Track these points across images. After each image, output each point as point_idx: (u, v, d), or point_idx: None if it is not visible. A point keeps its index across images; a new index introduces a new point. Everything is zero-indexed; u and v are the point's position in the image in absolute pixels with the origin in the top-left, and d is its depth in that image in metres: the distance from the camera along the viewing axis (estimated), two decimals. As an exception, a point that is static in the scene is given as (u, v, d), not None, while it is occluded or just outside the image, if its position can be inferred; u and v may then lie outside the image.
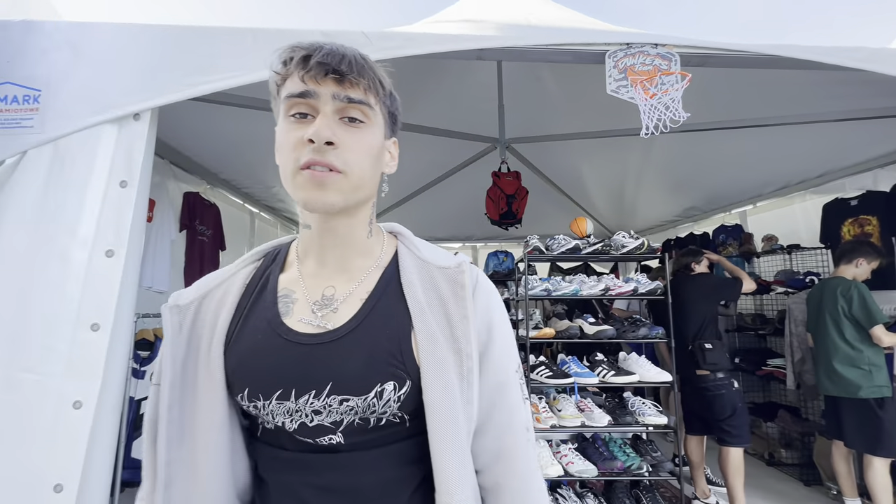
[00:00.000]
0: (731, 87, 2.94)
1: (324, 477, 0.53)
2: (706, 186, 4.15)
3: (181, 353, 0.56)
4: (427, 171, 4.65)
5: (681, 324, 2.61)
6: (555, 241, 2.17)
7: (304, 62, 0.52)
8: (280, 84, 0.55)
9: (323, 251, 0.59)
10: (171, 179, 2.96)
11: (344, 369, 0.53)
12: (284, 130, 0.54)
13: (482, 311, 0.59)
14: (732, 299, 2.68)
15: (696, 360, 2.47)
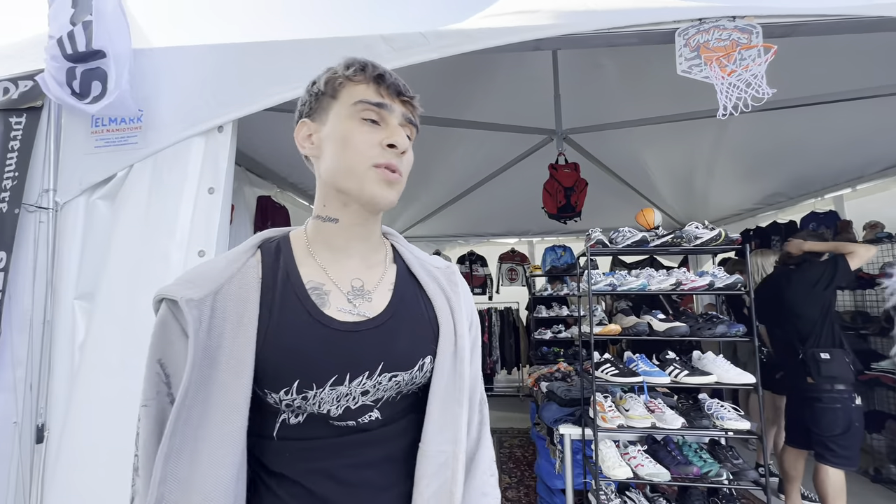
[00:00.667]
0: (821, 56, 2.62)
1: (363, 454, 0.58)
2: (792, 169, 3.74)
3: (199, 356, 0.53)
4: (482, 166, 4.63)
5: (787, 326, 2.36)
6: (619, 234, 2.07)
7: (381, 79, 0.60)
8: (342, 86, 0.61)
9: (349, 245, 0.63)
10: (247, 185, 3.21)
11: (394, 349, 0.60)
12: (355, 130, 0.60)
13: (467, 307, 0.69)
14: (847, 284, 2.30)
15: (807, 370, 2.21)
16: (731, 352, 3.79)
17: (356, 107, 0.60)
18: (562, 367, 3.26)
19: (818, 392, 2.22)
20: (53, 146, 1.72)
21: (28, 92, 1.75)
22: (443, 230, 5.93)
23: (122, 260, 1.60)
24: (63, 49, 1.56)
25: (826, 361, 2.24)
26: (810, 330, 2.28)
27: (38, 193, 1.69)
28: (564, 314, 3.81)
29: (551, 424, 2.29)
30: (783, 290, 2.39)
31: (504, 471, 3.38)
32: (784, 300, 2.37)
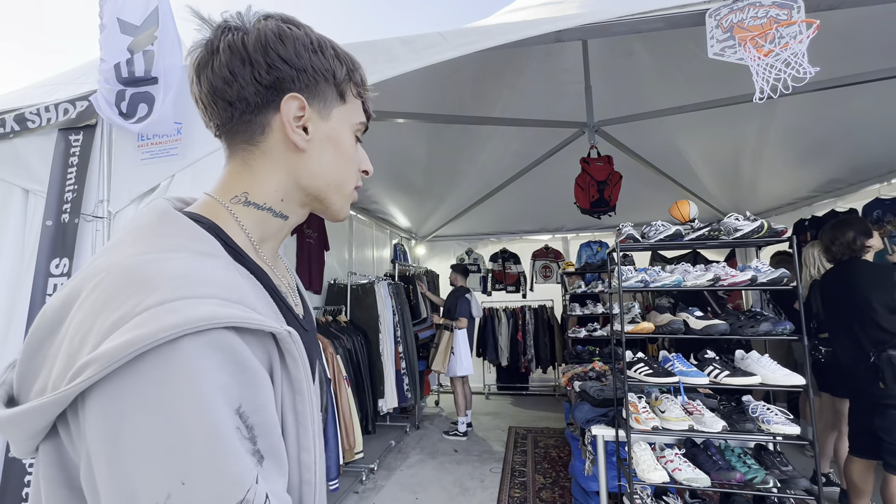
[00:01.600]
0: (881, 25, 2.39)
1: None
2: (851, 153, 3.44)
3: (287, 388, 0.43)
4: (512, 163, 4.59)
5: (855, 325, 2.17)
6: (651, 228, 1.98)
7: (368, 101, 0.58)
8: (346, 91, 0.53)
9: (277, 243, 0.57)
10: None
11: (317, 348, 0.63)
12: (351, 146, 0.55)
13: None
14: None
15: (881, 375, 2.02)
16: (784, 351, 3.55)
17: (358, 124, 0.55)
18: (596, 366, 3.17)
19: (892, 398, 2.02)
20: (107, 160, 1.87)
21: (84, 112, 1.91)
22: (474, 228, 5.92)
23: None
24: (119, 74, 1.70)
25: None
26: (883, 329, 2.07)
27: (94, 204, 1.85)
28: (599, 311, 3.69)
29: (583, 425, 2.23)
30: (852, 281, 2.18)
31: (539, 471, 3.34)
32: (855, 294, 2.15)
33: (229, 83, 0.48)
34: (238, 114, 0.49)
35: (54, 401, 0.33)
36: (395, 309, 3.98)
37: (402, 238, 5.70)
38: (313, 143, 0.51)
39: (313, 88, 0.50)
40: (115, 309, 0.35)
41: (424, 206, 5.32)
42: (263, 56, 0.47)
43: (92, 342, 0.34)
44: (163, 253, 0.39)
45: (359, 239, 4.60)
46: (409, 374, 4.03)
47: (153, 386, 0.33)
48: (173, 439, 0.32)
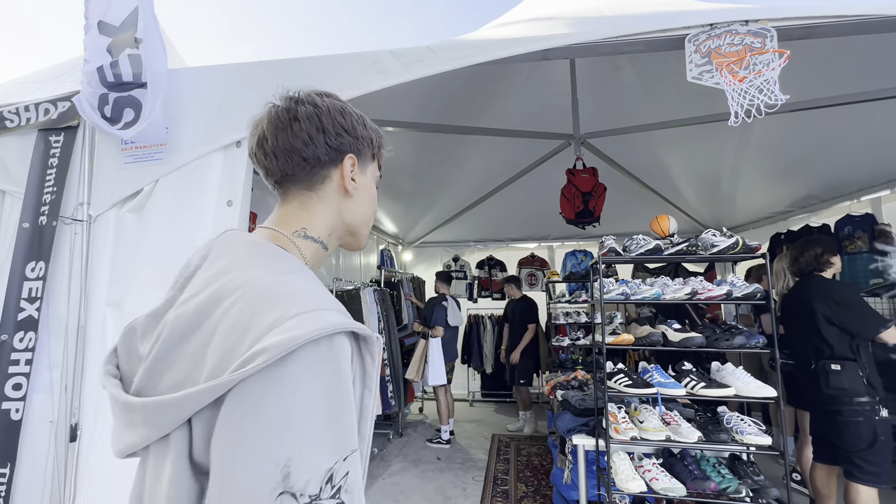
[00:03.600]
0: (852, 53, 2.51)
1: None
2: (825, 171, 3.58)
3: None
4: (500, 171, 4.65)
5: (800, 336, 2.29)
6: (633, 242, 2.04)
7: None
8: (376, 154, 0.72)
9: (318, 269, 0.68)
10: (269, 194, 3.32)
11: None
12: (375, 193, 0.73)
13: None
14: (862, 336, 2.15)
15: (818, 382, 2.15)
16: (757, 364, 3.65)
17: (376, 176, 0.73)
18: (579, 374, 3.22)
19: (838, 404, 2.13)
20: (88, 162, 1.84)
21: (66, 112, 1.88)
22: (461, 235, 5.96)
23: (147, 269, 1.70)
24: (103, 77, 1.67)
25: (836, 373, 2.15)
26: (823, 340, 2.20)
27: (74, 207, 1.82)
28: (584, 320, 3.76)
29: (564, 434, 2.27)
30: (805, 297, 2.30)
31: (521, 479, 3.36)
32: (806, 309, 2.28)
33: (307, 144, 0.62)
34: (309, 168, 0.63)
35: (227, 382, 0.42)
36: (381, 315, 3.98)
37: (389, 244, 5.70)
38: (357, 190, 0.67)
39: (360, 150, 0.67)
40: (266, 315, 0.45)
41: (412, 212, 5.34)
42: (333, 126, 0.63)
43: (250, 339, 0.44)
44: (282, 276, 0.52)
45: (345, 244, 4.60)
46: (394, 381, 4.02)
47: (309, 367, 0.43)
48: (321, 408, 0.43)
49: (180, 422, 0.46)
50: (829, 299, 2.23)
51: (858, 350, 2.20)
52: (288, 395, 0.42)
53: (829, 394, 2.18)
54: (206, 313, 0.49)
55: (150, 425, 0.48)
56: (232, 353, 0.45)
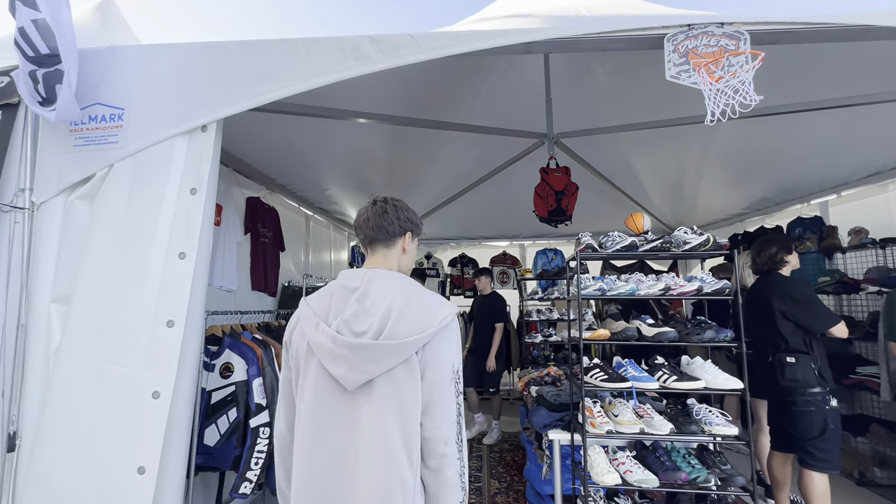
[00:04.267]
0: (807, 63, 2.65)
1: None
2: (779, 175, 3.78)
3: None
4: (473, 169, 4.63)
5: (761, 330, 2.39)
6: (609, 239, 2.06)
7: None
8: (417, 232, 1.24)
9: None
10: (235, 186, 3.15)
11: None
12: (415, 251, 1.26)
13: None
14: (814, 331, 2.26)
15: (774, 374, 2.27)
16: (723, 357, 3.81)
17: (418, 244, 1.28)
18: (552, 370, 3.25)
19: (792, 395, 2.25)
20: (30, 144, 1.66)
21: (4, 88, 1.69)
22: (434, 233, 5.91)
23: (99, 262, 1.55)
24: (24, 50, 1.49)
25: (791, 365, 2.28)
26: (780, 335, 2.32)
27: (14, 193, 1.64)
28: (556, 317, 3.80)
29: (540, 430, 2.27)
30: (765, 293, 2.41)
31: (494, 475, 3.35)
32: (764, 304, 2.39)
33: (392, 223, 1.17)
34: (390, 236, 1.17)
35: (437, 329, 1.02)
36: (353, 313, 3.87)
37: (360, 240, 5.57)
38: (408, 251, 1.21)
39: (412, 230, 1.21)
40: (439, 308, 1.06)
41: (384, 208, 5.23)
42: (406, 216, 1.19)
43: (439, 316, 1.04)
44: (429, 292, 1.14)
45: (316, 240, 4.44)
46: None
47: (456, 327, 1.08)
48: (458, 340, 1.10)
49: (419, 348, 1.01)
50: (786, 296, 2.34)
51: (811, 344, 2.32)
52: (453, 335, 1.07)
53: (784, 385, 2.29)
54: (408, 305, 1.05)
55: (400, 355, 0.99)
56: (432, 321, 1.03)
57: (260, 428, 2.27)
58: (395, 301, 1.03)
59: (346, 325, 1.02)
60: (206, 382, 2.32)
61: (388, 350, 0.98)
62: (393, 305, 1.02)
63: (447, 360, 1.03)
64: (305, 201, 4.13)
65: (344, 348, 0.99)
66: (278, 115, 2.69)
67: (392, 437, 0.96)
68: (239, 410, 2.28)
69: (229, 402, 2.30)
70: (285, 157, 3.37)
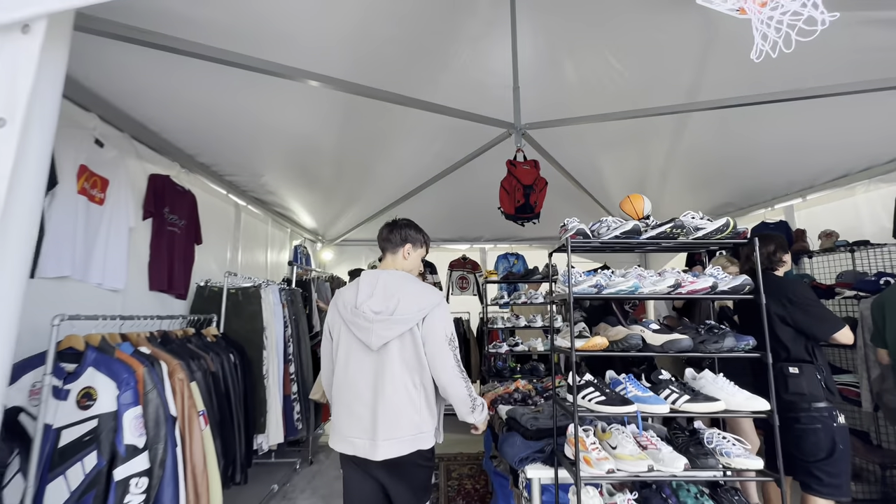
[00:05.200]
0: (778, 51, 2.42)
1: None
2: (744, 179, 3.61)
3: None
4: (433, 164, 4.13)
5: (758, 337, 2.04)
6: (602, 224, 1.62)
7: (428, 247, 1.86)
8: (423, 245, 1.76)
9: None
10: (133, 157, 2.41)
11: None
12: (418, 261, 1.76)
13: None
14: (817, 337, 1.96)
15: (777, 386, 1.90)
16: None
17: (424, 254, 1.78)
18: (520, 385, 2.75)
19: (795, 411, 1.91)
20: None
21: None
22: (388, 234, 5.32)
23: None
24: None
25: (794, 377, 1.95)
26: (780, 342, 1.99)
27: None
28: (522, 325, 3.33)
29: (516, 465, 1.75)
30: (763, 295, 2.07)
31: (451, 509, 2.79)
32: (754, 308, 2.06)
33: (395, 237, 1.69)
34: (394, 245, 1.69)
35: (432, 306, 1.55)
36: (289, 320, 3.18)
37: (305, 240, 4.86)
38: (407, 258, 1.70)
39: (413, 242, 1.71)
40: (430, 295, 1.59)
41: (332, 205, 4.59)
42: (407, 232, 1.71)
43: (431, 300, 1.56)
44: (422, 283, 1.65)
45: (248, 235, 3.70)
46: (302, 400, 3.23)
47: (445, 307, 1.59)
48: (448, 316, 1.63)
49: (418, 321, 1.50)
50: (784, 298, 2.01)
51: (814, 352, 2.00)
52: (442, 312, 1.56)
53: (787, 399, 1.94)
54: (409, 292, 1.55)
55: (406, 324, 1.49)
56: (426, 303, 1.53)
57: (131, 480, 1.56)
58: (399, 290, 1.53)
59: (369, 307, 1.50)
60: (52, 416, 1.58)
61: (397, 322, 1.48)
62: (398, 293, 1.51)
63: (440, 329, 1.51)
64: (236, 188, 3.40)
65: (368, 322, 1.49)
66: (199, 71, 2.04)
67: (402, 375, 1.48)
68: (101, 455, 1.56)
69: (87, 443, 1.57)
70: (209, 129, 2.67)
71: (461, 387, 1.48)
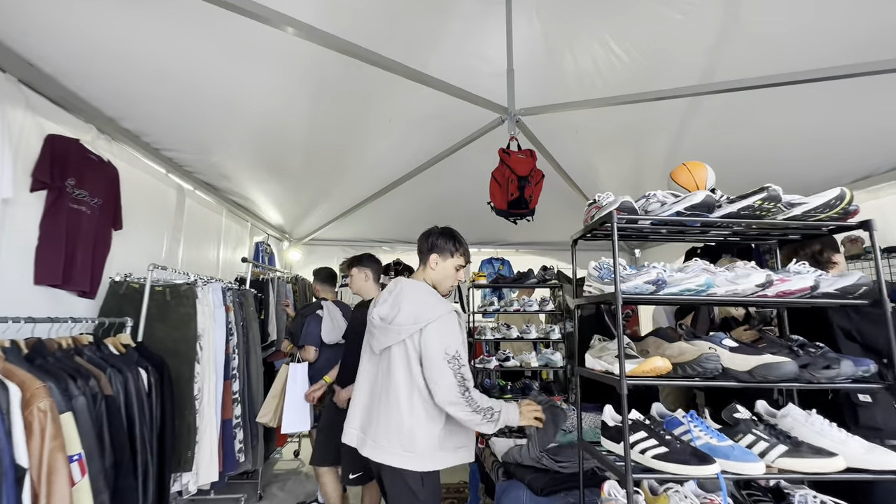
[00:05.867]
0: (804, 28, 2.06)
1: None
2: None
3: None
4: (413, 158, 3.60)
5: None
6: (653, 199, 1.13)
7: (467, 256, 1.69)
8: (453, 254, 1.63)
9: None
10: (19, 107, 1.77)
11: None
12: (451, 271, 1.63)
13: None
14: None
15: (842, 419, 1.43)
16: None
17: (456, 265, 1.64)
18: (513, 409, 2.19)
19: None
20: None
21: None
22: (363, 233, 4.72)
23: None
24: None
25: (866, 407, 1.49)
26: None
27: None
28: (514, 336, 2.80)
29: (526, 538, 1.19)
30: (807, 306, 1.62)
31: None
32: (814, 320, 1.61)
33: (423, 245, 1.64)
34: (422, 254, 1.64)
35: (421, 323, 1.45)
36: (235, 327, 2.54)
37: (269, 237, 4.21)
38: (435, 268, 1.61)
39: (439, 253, 1.61)
40: (432, 309, 1.48)
41: (301, 198, 3.97)
42: (434, 241, 1.62)
43: (430, 314, 1.46)
44: (433, 296, 1.55)
45: (195, 226, 3.03)
46: (248, 425, 2.57)
47: (448, 319, 1.47)
48: (451, 331, 1.46)
49: (413, 332, 1.45)
50: (850, 308, 1.57)
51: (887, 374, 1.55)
52: (444, 328, 1.44)
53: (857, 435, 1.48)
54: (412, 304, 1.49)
55: (400, 334, 1.46)
56: (424, 317, 1.45)
57: None
58: (404, 300, 1.50)
59: (378, 313, 1.56)
60: None
61: (389, 331, 1.48)
62: (402, 303, 1.50)
63: (437, 345, 1.41)
64: (177, 167, 2.76)
65: (373, 326, 1.57)
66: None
67: (404, 383, 1.45)
68: None
69: None
70: (136, 85, 2.05)
71: (462, 410, 1.37)
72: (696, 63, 2.54)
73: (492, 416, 1.41)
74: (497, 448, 1.78)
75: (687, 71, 2.56)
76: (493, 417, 1.41)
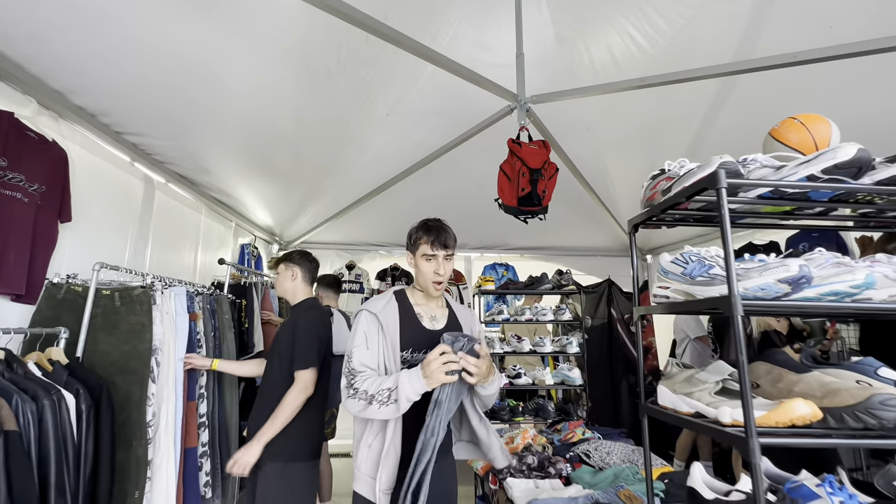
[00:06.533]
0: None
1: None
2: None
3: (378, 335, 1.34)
4: (412, 156, 3.24)
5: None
6: (752, 164, 0.77)
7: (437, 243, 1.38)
8: (419, 241, 1.40)
9: (427, 300, 1.43)
10: None
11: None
12: (424, 266, 1.39)
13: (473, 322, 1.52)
14: None
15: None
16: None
17: (422, 255, 1.40)
18: (527, 436, 1.81)
19: None
20: None
21: None
22: (358, 236, 4.33)
23: None
24: None
25: None
26: None
27: None
28: (526, 349, 2.40)
29: None
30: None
31: None
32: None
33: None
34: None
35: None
36: (206, 338, 2.13)
37: (257, 238, 3.81)
38: (414, 269, 1.44)
39: (409, 249, 1.46)
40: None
41: (292, 197, 3.60)
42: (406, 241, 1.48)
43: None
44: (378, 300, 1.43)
45: (166, 223, 2.63)
46: (217, 453, 2.14)
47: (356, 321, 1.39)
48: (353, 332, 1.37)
49: None
50: None
51: None
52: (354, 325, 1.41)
53: None
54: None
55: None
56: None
57: None
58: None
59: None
60: None
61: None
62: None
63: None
64: (144, 154, 2.37)
65: None
66: None
67: None
68: None
69: None
70: (87, 49, 1.68)
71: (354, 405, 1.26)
72: (728, 42, 2.23)
73: (388, 398, 1.17)
74: (515, 492, 1.38)
75: (717, 51, 2.24)
76: (389, 398, 1.17)
